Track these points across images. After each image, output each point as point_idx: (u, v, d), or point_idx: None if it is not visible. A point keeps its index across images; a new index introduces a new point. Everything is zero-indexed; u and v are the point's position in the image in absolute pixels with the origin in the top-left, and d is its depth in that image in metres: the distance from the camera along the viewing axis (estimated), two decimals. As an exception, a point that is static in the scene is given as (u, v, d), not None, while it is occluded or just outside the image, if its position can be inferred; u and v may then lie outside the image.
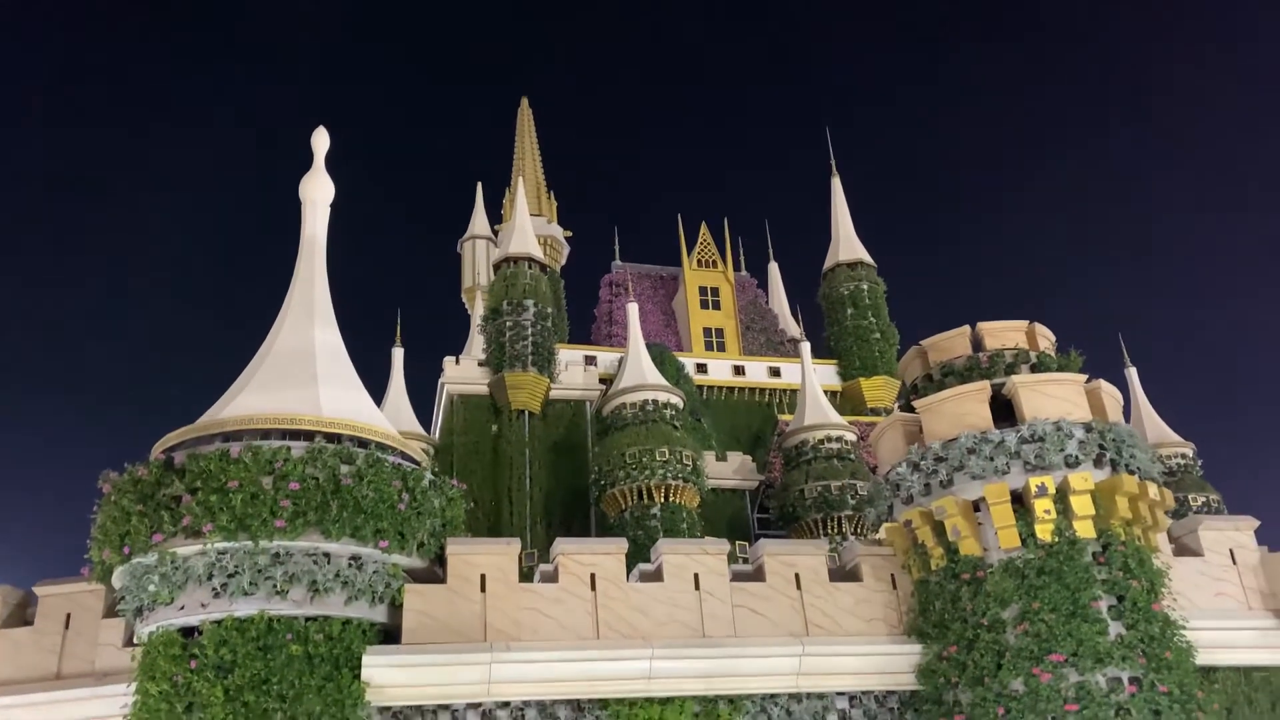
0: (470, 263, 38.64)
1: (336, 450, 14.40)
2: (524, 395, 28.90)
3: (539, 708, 14.59)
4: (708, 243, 37.24)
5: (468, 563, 15.01)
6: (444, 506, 15.39)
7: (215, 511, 13.63)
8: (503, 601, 14.85)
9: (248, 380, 15.91)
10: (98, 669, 15.09)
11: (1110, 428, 15.04)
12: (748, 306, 37.14)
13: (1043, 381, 15.53)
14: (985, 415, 15.46)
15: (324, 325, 16.86)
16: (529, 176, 39.13)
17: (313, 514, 13.88)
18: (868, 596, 16.19)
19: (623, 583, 15.46)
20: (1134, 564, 14.66)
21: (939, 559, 15.49)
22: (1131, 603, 14.37)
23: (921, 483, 15.52)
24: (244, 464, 13.92)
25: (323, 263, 17.63)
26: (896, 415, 16.85)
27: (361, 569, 14.31)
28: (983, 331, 16.82)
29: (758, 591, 15.84)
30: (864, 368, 33.71)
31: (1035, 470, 14.76)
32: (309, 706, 13.35)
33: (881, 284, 35.10)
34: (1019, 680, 14.16)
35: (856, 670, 15.50)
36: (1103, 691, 13.80)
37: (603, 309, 36.22)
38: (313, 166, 18.35)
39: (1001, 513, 14.82)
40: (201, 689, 13.20)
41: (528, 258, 30.64)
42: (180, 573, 13.79)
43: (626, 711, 14.72)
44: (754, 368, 34.23)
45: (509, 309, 29.64)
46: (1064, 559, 14.49)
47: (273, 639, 13.59)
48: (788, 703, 15.33)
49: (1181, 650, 14.47)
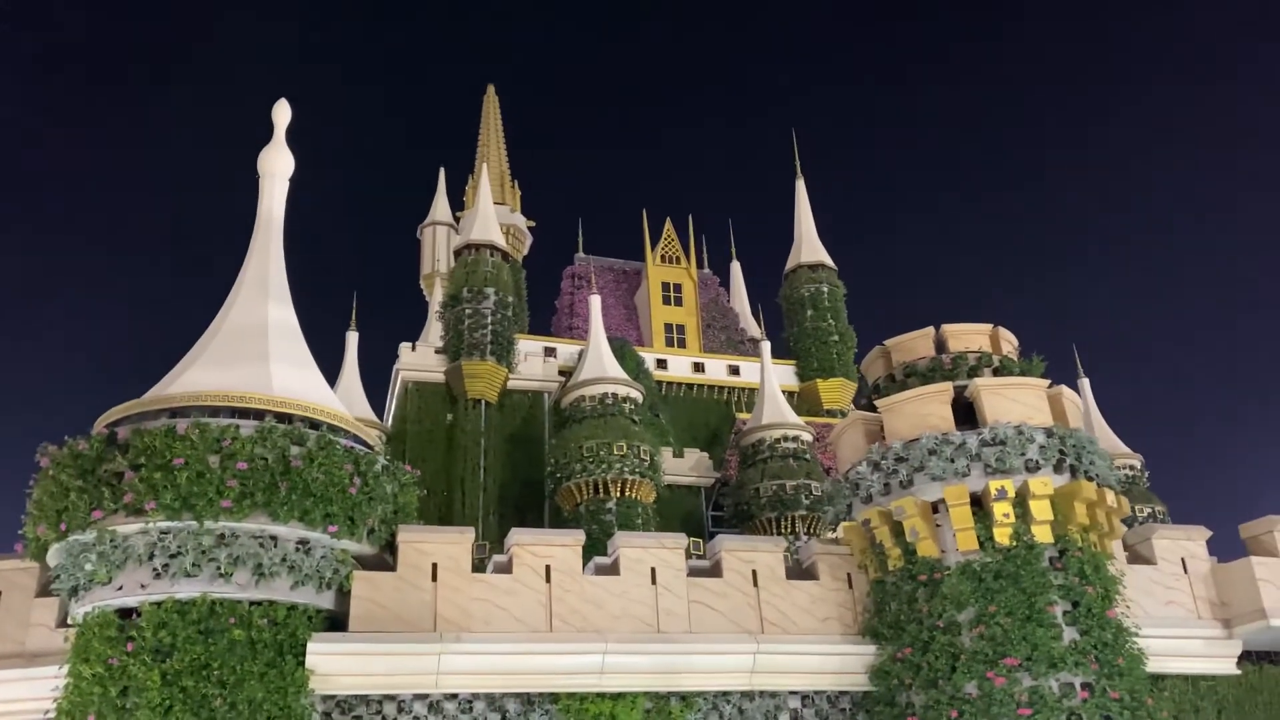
0: (430, 249, 38.07)
1: (287, 430, 13.96)
2: (481, 384, 28.51)
3: (488, 700, 14.29)
4: (671, 239, 37.12)
5: (419, 551, 14.64)
6: (396, 493, 15.00)
7: (159, 489, 13.13)
8: (454, 591, 14.51)
9: (197, 355, 15.40)
10: (28, 650, 14.51)
11: (1071, 434, 15.08)
12: (709, 304, 37.06)
13: (1005, 385, 15.54)
14: (947, 417, 15.43)
15: (278, 303, 16.37)
16: (493, 164, 38.67)
17: (260, 495, 13.43)
18: (824, 595, 16.09)
19: (578, 575, 15.20)
20: (1090, 570, 14.71)
21: (896, 560, 15.43)
22: (1086, 609, 14.41)
23: (881, 482, 15.45)
24: (190, 441, 13.44)
25: (279, 239, 17.13)
26: (858, 414, 16.78)
27: (309, 554, 13.89)
28: (946, 333, 16.81)
29: (714, 588, 15.67)
30: (822, 369, 33.80)
31: (995, 474, 14.75)
32: (250, 693, 12.91)
33: (841, 286, 35.22)
34: (973, 683, 14.13)
35: (810, 669, 15.40)
36: (1055, 696, 13.81)
37: (564, 301, 35.90)
38: (273, 139, 17.84)
39: (960, 515, 14.80)
40: (138, 673, 12.71)
41: (490, 245, 30.24)
42: (120, 552, 13.27)
43: (577, 706, 14.47)
44: (714, 365, 34.16)
45: (469, 296, 29.23)
46: (1021, 563, 14.50)
47: (215, 623, 13.13)
48: (740, 701, 15.18)
49: (1133, 657, 14.55)
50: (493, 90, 41.01)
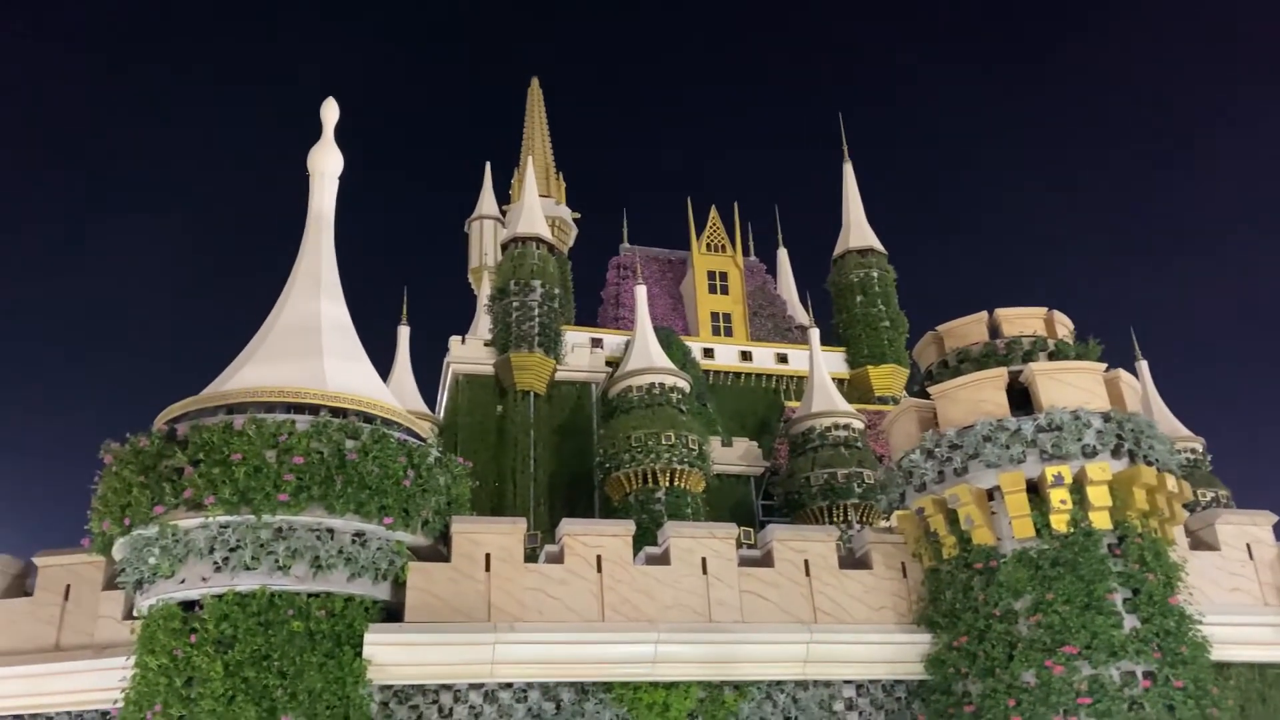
0: (478, 243, 38.34)
1: (341, 425, 14.14)
2: (529, 376, 28.66)
3: (542, 689, 14.40)
4: (717, 227, 36.93)
5: (473, 541, 14.79)
6: (449, 484, 15.14)
7: (217, 484, 13.38)
8: (507, 581, 14.63)
9: (252, 352, 15.65)
10: (97, 641, 14.89)
11: (1129, 418, 14.77)
12: (756, 292, 36.84)
13: (1061, 370, 15.26)
14: (1002, 402, 15.19)
15: (330, 298, 16.58)
16: (538, 157, 38.79)
17: (316, 489, 13.63)
18: (877, 585, 15.96)
19: (629, 565, 15.24)
20: (1150, 557, 14.42)
21: (951, 548, 15.25)
22: (1147, 596, 14.13)
23: (935, 470, 15.27)
24: (247, 436, 13.67)
25: (330, 236, 17.33)
26: (910, 401, 16.59)
27: (365, 545, 14.09)
28: (1000, 318, 16.54)
29: (766, 577, 15.62)
30: (872, 356, 33.41)
31: (1052, 459, 14.50)
32: (310, 683, 13.14)
33: (892, 271, 34.77)
34: (1030, 672, 13.93)
35: (864, 659, 15.29)
36: (1116, 685, 13.57)
37: (610, 292, 35.92)
38: (321, 138, 18.03)
39: (1016, 502, 14.57)
40: (201, 663, 12.99)
41: (536, 238, 30.33)
42: (181, 545, 13.56)
43: (630, 695, 14.52)
44: (761, 353, 33.95)
45: (516, 289, 29.37)
46: (1079, 550, 14.25)
47: (274, 614, 13.37)
48: (794, 690, 15.13)
49: (1197, 645, 14.24)
50: (537, 83, 41.17)
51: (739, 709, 14.84)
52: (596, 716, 14.38)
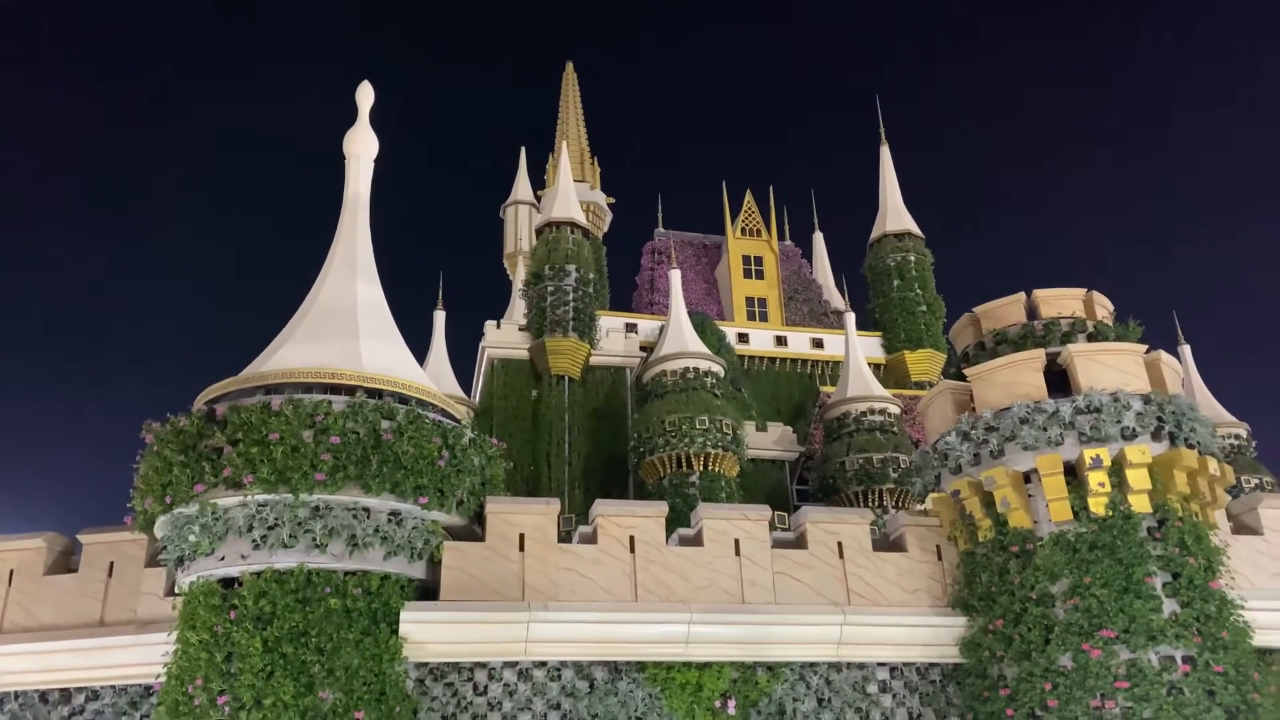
0: (513, 228, 38.48)
1: (377, 405, 14.29)
2: (564, 361, 28.75)
3: (576, 668, 14.50)
4: (752, 211, 36.72)
5: (507, 521, 14.90)
6: (484, 465, 15.26)
7: (256, 463, 13.59)
8: (541, 561, 14.73)
9: (290, 334, 15.85)
10: (139, 617, 15.19)
11: (1170, 400, 14.53)
12: (791, 276, 36.63)
13: (1100, 351, 15.04)
14: (1039, 384, 15.01)
15: (366, 281, 16.74)
16: (573, 142, 38.81)
17: (353, 468, 13.80)
18: (912, 567, 15.87)
19: (662, 546, 15.27)
20: (1190, 540, 14.20)
21: (987, 530, 15.12)
22: (1187, 580, 13.93)
23: (971, 452, 15.13)
24: (285, 417, 13.86)
25: (365, 218, 17.48)
26: (946, 383, 16.44)
27: (400, 525, 14.24)
28: (1038, 299, 16.32)
29: (799, 559, 15.59)
30: (909, 340, 33.12)
31: (1090, 442, 14.31)
32: (347, 660, 13.33)
33: (929, 255, 34.39)
34: (1067, 656, 13.80)
35: (899, 641, 15.23)
36: (1155, 670, 13.40)
37: (644, 276, 35.89)
38: (357, 121, 18.18)
39: (1054, 484, 14.40)
40: (241, 640, 13.22)
41: (570, 223, 30.37)
42: (221, 524, 13.79)
43: (664, 675, 14.58)
44: (796, 338, 33.78)
45: (550, 274, 29.44)
46: (1118, 533, 14.07)
47: (311, 592, 13.57)
48: (827, 672, 15.11)
49: (1238, 630, 14.02)
50: (571, 68, 41.13)
51: (772, 690, 14.85)
52: (630, 696, 14.46)
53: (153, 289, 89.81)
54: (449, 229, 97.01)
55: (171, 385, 71.71)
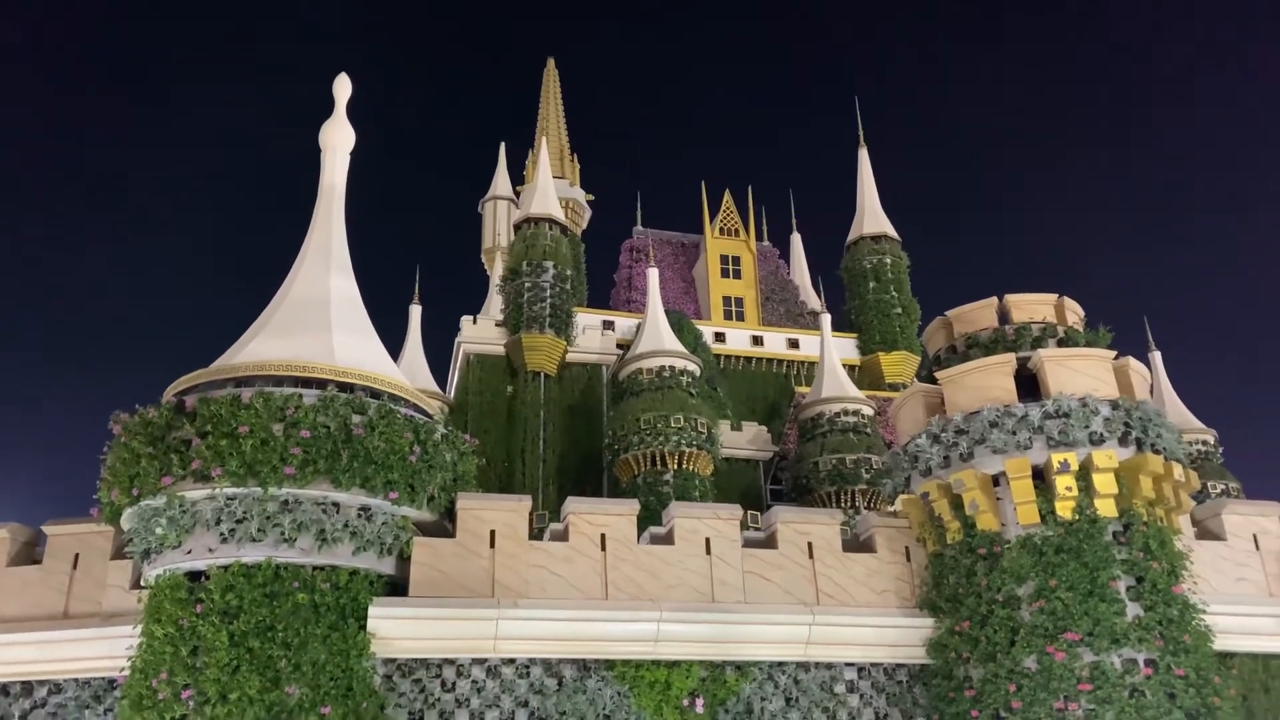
0: (491, 223, 38.39)
1: (349, 399, 14.22)
2: (540, 357, 28.71)
3: (544, 665, 14.49)
4: (730, 211, 36.81)
5: (478, 518, 14.87)
6: (455, 461, 15.22)
7: (225, 456, 13.49)
8: (512, 558, 14.71)
9: (262, 326, 15.74)
10: (104, 610, 15.04)
11: (1137, 406, 14.69)
12: (768, 277, 36.76)
13: (1070, 356, 15.19)
14: (1009, 388, 15.14)
15: (341, 274, 16.65)
16: (553, 138, 38.75)
17: (323, 462, 13.73)
18: (881, 568, 15.97)
19: (633, 544, 15.29)
20: (1155, 545, 14.37)
21: (955, 533, 15.24)
22: (1151, 584, 14.09)
23: (941, 455, 15.24)
24: (255, 410, 13.77)
25: (341, 211, 17.38)
26: (918, 386, 16.54)
27: (370, 520, 14.18)
28: (1010, 304, 16.46)
29: (769, 558, 15.65)
30: (884, 342, 33.36)
31: (1058, 446, 14.46)
32: (314, 655, 13.27)
33: (905, 258, 34.63)
34: (1032, 658, 13.93)
35: (866, 642, 15.32)
36: (1117, 672, 13.56)
37: (622, 274, 35.92)
38: (334, 113, 18.05)
39: (1022, 488, 14.54)
40: (207, 633, 13.13)
41: (549, 219, 30.33)
42: (188, 516, 13.68)
43: (632, 673, 14.60)
44: (773, 338, 33.93)
45: (528, 270, 29.39)
46: (1084, 537, 14.22)
47: (279, 586, 13.49)
48: (795, 671, 15.18)
49: (1200, 634, 14.21)
50: (553, 64, 41.10)
51: (740, 689, 14.91)
52: (598, 693, 14.47)
53: (126, 281, 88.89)
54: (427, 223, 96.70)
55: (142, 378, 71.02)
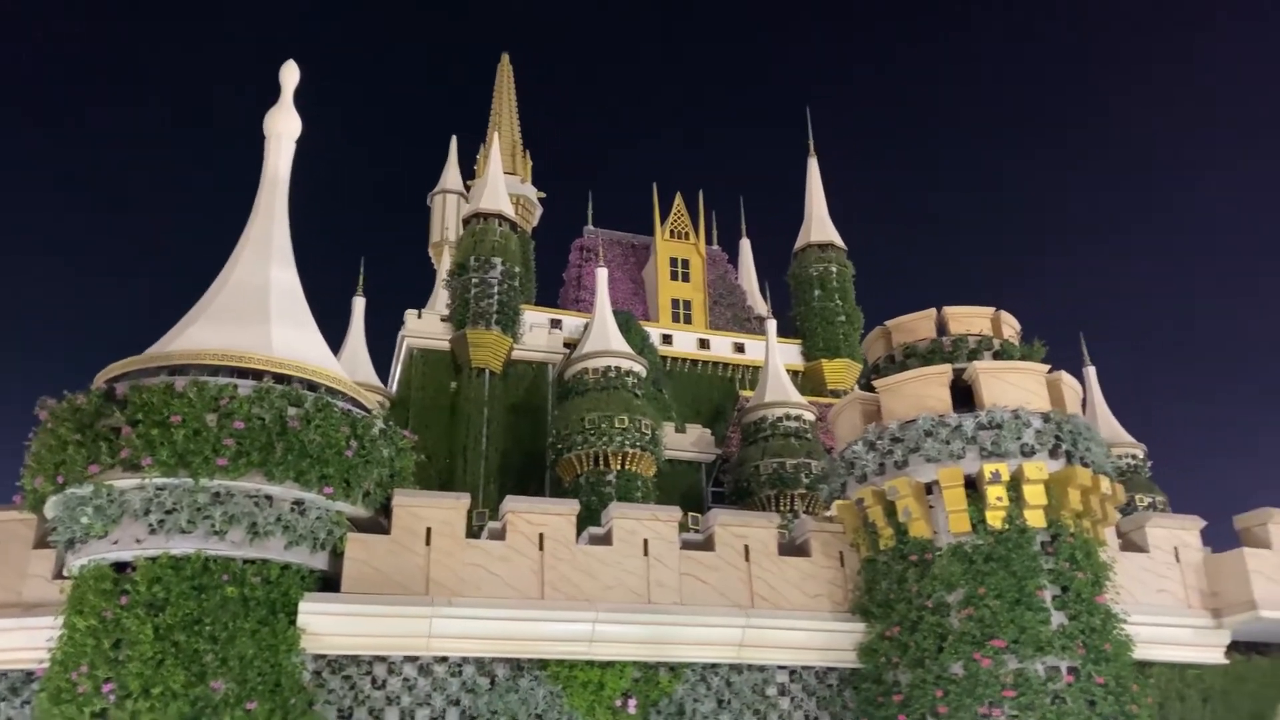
0: (440, 217, 38.07)
1: (285, 391, 14.02)
2: (485, 353, 28.54)
3: (478, 664, 14.43)
4: (681, 214, 36.93)
5: (414, 515, 14.75)
6: (393, 457, 15.08)
7: (155, 445, 13.23)
8: (447, 556, 14.61)
9: (198, 314, 15.46)
10: (24, 600, 14.64)
11: (1068, 419, 15.03)
12: (717, 281, 36.98)
13: (1004, 369, 15.49)
14: (945, 399, 15.40)
15: (281, 264, 16.40)
16: (505, 134, 38.55)
17: (256, 455, 13.52)
18: (815, 572, 16.14)
19: (571, 544, 15.28)
20: (1081, 556, 14.72)
21: (888, 539, 15.46)
22: (1075, 594, 14.44)
23: (876, 462, 15.46)
24: (188, 399, 13.52)
25: (284, 200, 17.11)
26: (856, 394, 16.77)
27: (304, 514, 14.00)
28: (948, 315, 16.75)
29: (706, 560, 15.74)
30: (827, 349, 33.72)
31: (991, 457, 14.74)
32: (241, 650, 13.06)
33: (850, 267, 35.06)
34: (959, 664, 14.19)
35: (799, 645, 15.48)
36: (1041, 679, 13.87)
37: (572, 273, 35.87)
38: (279, 100, 17.77)
39: (954, 497, 14.80)
40: (131, 626, 12.85)
41: (498, 215, 30.17)
42: (116, 506, 13.39)
43: (566, 673, 14.60)
44: (719, 342, 34.12)
45: (476, 265, 29.20)
46: (1013, 546, 14.51)
47: (208, 579, 13.27)
48: (728, 673, 15.29)
49: (1120, 643, 14.58)
50: (507, 59, 40.87)
51: (673, 690, 14.97)
52: (531, 693, 14.45)
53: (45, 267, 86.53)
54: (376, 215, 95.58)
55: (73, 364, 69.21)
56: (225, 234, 17.26)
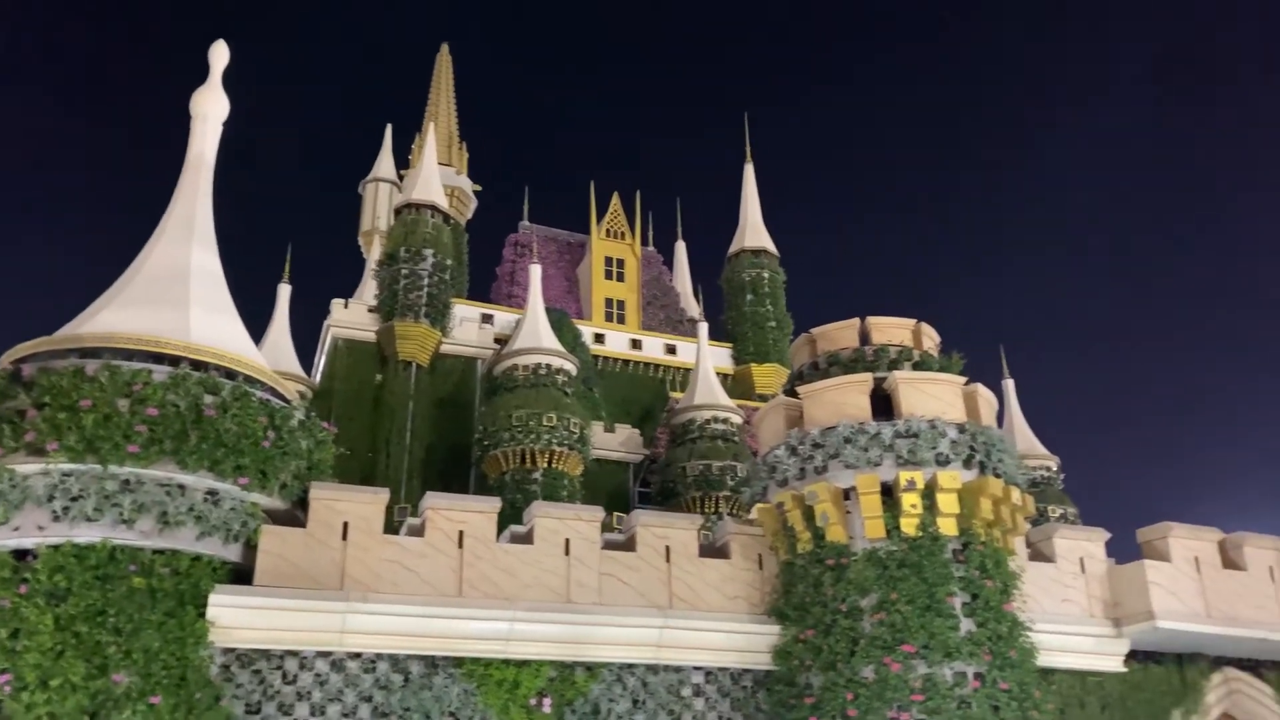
0: (371, 205, 37.53)
1: (201, 379, 13.72)
2: (413, 346, 28.26)
3: (391, 661, 14.27)
4: (618, 214, 37.02)
5: (331, 508, 14.52)
6: (312, 449, 14.85)
7: (63, 430, 12.84)
8: (364, 551, 14.43)
9: (114, 296, 15.04)
10: (-80, 587, 14.05)
11: (982, 431, 15.42)
12: (651, 282, 37.14)
13: (923, 380, 15.83)
14: (865, 407, 15.68)
15: (203, 247, 16.03)
16: (442, 124, 38.16)
17: (169, 442, 13.21)
18: (734, 574, 16.30)
19: (491, 542, 15.20)
20: (990, 564, 15.10)
21: (806, 543, 15.69)
22: (984, 601, 14.81)
23: (797, 467, 15.67)
24: (99, 383, 13.15)
25: (209, 182, 16.74)
26: (780, 399, 16.98)
27: (218, 504, 13.71)
28: (871, 326, 17.05)
29: (627, 561, 15.79)
30: (757, 354, 34.12)
31: (907, 465, 15.04)
32: (146, 642, 12.73)
33: (782, 274, 35.52)
34: (870, 668, 14.45)
35: (716, 646, 15.61)
36: (948, 684, 14.19)
37: (505, 269, 35.70)
38: (208, 80, 17.39)
39: (870, 503, 15.07)
40: (30, 616, 12.40)
41: (431, 206, 29.88)
42: (18, 491, 12.94)
43: (481, 671, 14.52)
44: (651, 343, 34.29)
45: (406, 256, 28.89)
46: (925, 553, 14.83)
47: (114, 569, 12.89)
48: (644, 674, 15.35)
49: (1025, 650, 14.99)
50: (446, 49, 40.43)
51: (589, 690, 14.99)
52: (445, 691, 14.34)
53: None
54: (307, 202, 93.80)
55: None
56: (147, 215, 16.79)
